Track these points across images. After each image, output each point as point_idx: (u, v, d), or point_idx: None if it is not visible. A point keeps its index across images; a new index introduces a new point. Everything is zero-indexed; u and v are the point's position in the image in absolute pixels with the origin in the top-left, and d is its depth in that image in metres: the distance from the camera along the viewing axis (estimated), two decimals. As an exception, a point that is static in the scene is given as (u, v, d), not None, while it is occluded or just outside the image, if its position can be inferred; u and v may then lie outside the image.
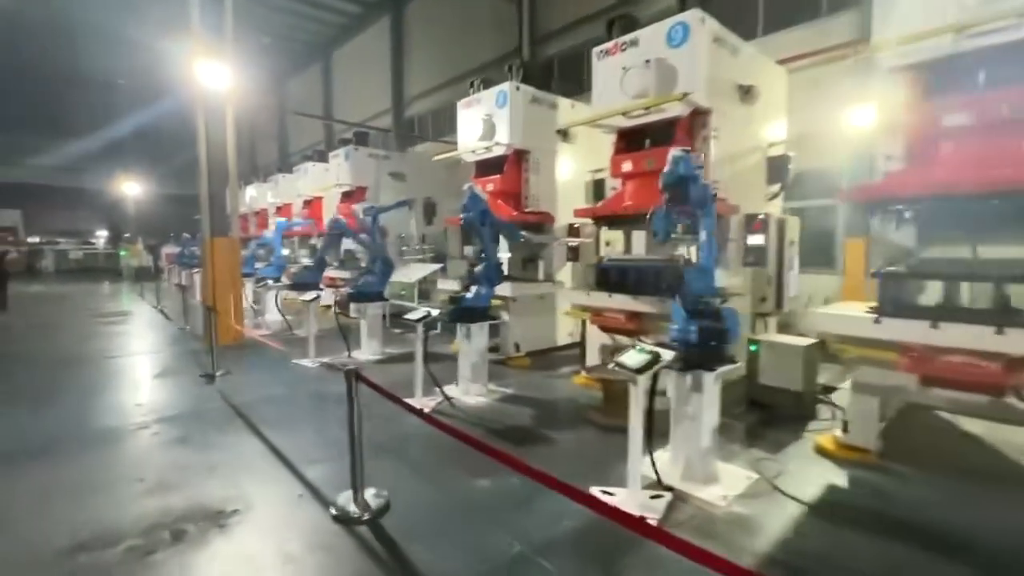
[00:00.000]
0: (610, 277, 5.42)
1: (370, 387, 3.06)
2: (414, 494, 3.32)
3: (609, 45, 5.29)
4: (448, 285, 7.52)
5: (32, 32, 23.89)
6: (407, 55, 18.21)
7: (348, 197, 11.20)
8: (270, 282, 9.67)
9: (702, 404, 3.34)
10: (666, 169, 3.69)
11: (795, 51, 8.23)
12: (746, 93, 5.18)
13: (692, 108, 4.79)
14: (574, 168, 7.47)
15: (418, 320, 4.89)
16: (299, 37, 22.47)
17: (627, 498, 3.09)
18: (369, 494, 3.19)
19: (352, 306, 7.40)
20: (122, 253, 27.79)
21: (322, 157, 13.15)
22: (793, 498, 3.17)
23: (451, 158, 8.08)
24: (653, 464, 3.21)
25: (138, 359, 7.27)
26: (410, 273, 9.10)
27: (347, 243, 10.66)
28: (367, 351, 7.27)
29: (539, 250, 7.16)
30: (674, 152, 3.65)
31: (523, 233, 6.18)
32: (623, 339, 5.37)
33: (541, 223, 7.07)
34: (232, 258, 8.30)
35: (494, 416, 4.78)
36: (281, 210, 15.07)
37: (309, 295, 6.88)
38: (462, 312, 5.19)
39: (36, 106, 28.39)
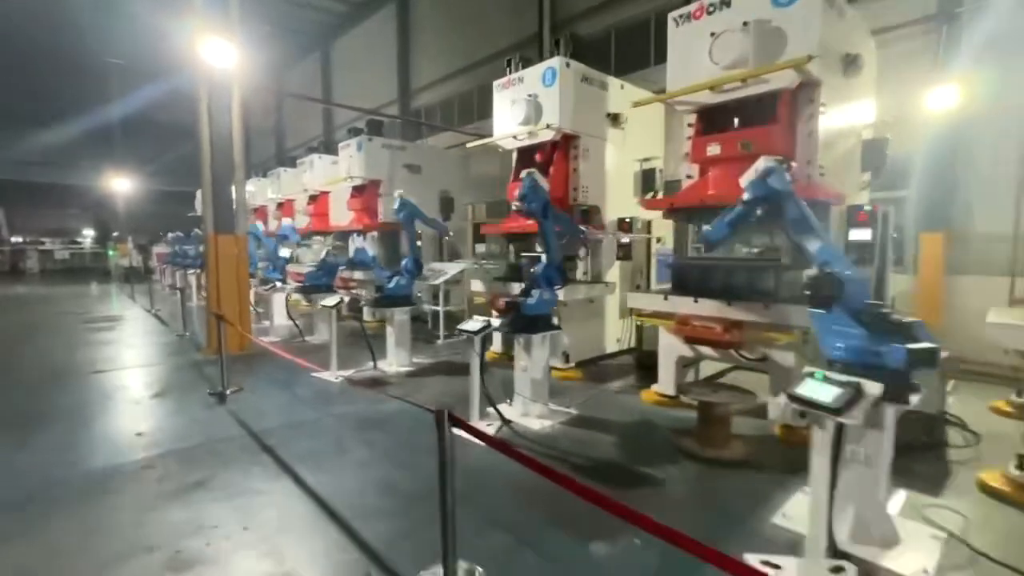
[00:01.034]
0: (691, 278, 4.68)
1: (467, 431, 2.28)
2: (517, 570, 2.54)
3: (692, 8, 4.53)
4: (477, 287, 6.76)
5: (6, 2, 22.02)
6: (413, 44, 17.34)
7: (360, 191, 10.36)
8: (278, 284, 8.83)
9: (881, 445, 2.60)
10: (752, 178, 2.99)
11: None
12: (851, 64, 4.45)
13: (800, 79, 4.05)
14: (622, 157, 6.73)
15: (477, 332, 4.11)
16: (296, 27, 21.49)
17: (802, 573, 2.35)
18: (461, 569, 2.41)
19: (365, 309, 6.63)
20: (110, 253, 26.66)
21: (328, 149, 12.30)
22: (1013, 568, 2.44)
23: (479, 147, 7.29)
24: (830, 527, 2.46)
25: (134, 373, 6.41)
26: (434, 274, 8.30)
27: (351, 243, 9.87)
28: (395, 362, 6.47)
29: (587, 248, 6.40)
30: (765, 162, 2.95)
31: (583, 228, 5.42)
32: (707, 351, 4.65)
33: (590, 217, 6.31)
34: (238, 257, 7.46)
35: (569, 445, 4.02)
36: (283, 207, 14.19)
37: (330, 300, 6.06)
38: (524, 321, 4.42)
39: (13, 92, 26.72)
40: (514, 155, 6.90)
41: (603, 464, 3.70)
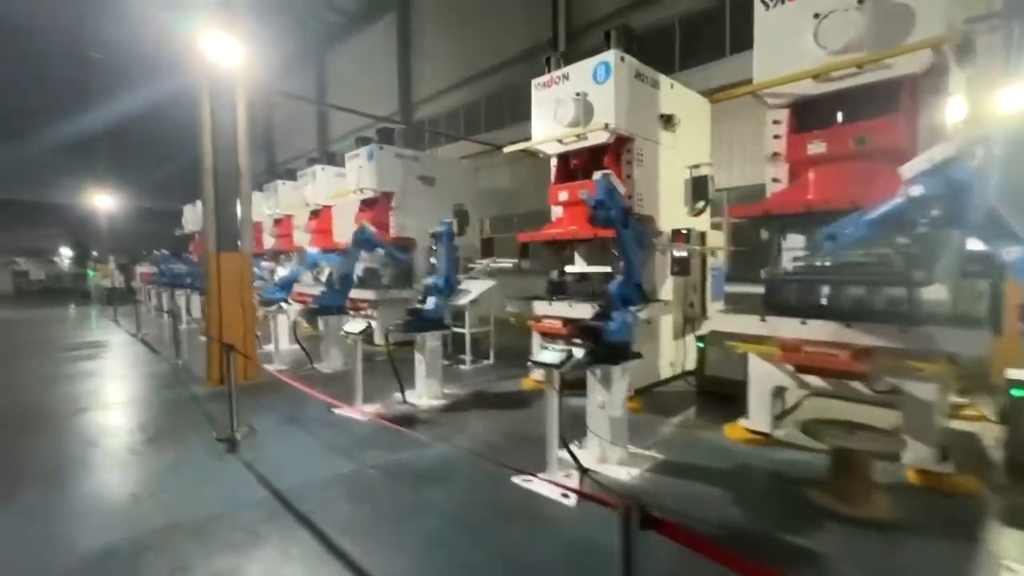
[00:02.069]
0: (793, 295, 4.03)
1: (672, 537, 1.55)
2: None
3: (786, -11, 3.97)
4: (517, 306, 6.04)
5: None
6: (414, 55, 16.83)
7: (370, 205, 9.64)
8: (283, 305, 8.01)
9: None
10: (925, 167, 2.41)
11: None
12: (969, 51, 3.92)
13: (931, 64, 3.49)
14: (674, 162, 6.13)
15: (559, 365, 3.39)
16: (291, 38, 20.91)
17: None
18: None
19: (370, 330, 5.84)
20: (90, 273, 25.37)
21: (331, 160, 11.59)
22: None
23: (514, 152, 6.65)
24: None
25: (123, 412, 5.53)
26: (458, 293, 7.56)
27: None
28: (425, 394, 5.70)
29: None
30: (945, 149, 2.38)
31: (655, 240, 4.78)
32: (811, 380, 3.98)
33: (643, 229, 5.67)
34: (242, 277, 6.66)
35: (676, 503, 3.28)
36: (280, 223, 13.38)
37: (356, 326, 5.28)
38: (604, 350, 3.71)
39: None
40: (553, 162, 6.27)
41: (736, 530, 2.97)
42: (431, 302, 5.58)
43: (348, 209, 10.93)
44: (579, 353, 3.51)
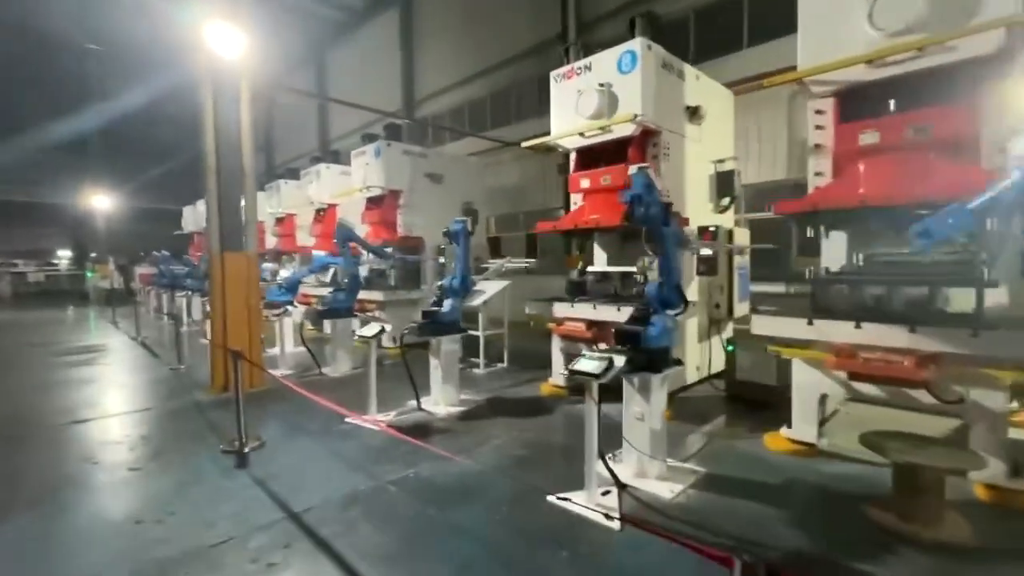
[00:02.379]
0: (841, 298, 3.76)
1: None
2: None
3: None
4: (536, 307, 5.76)
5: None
6: (417, 52, 16.54)
7: (376, 203, 9.35)
8: (289, 308, 7.73)
9: None
10: None
11: None
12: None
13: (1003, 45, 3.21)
14: (699, 156, 5.86)
15: (599, 375, 3.11)
16: (289, 36, 20.59)
17: None
18: None
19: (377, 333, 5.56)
20: (89, 274, 25.04)
21: (335, 158, 11.30)
22: None
23: (533, 146, 6.38)
24: None
25: (123, 423, 5.24)
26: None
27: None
28: (442, 400, 5.42)
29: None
30: None
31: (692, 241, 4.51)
32: (864, 387, 3.71)
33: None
34: (248, 279, 6.37)
35: (725, 522, 3.01)
36: (283, 222, 13.09)
37: (370, 329, 4.99)
38: (644, 357, 3.44)
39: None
40: (572, 156, 5.99)
41: (802, 556, 2.69)
42: (448, 304, 5.30)
43: (354, 208, 10.65)
44: (620, 361, 3.23)
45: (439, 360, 5.43)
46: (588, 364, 3.18)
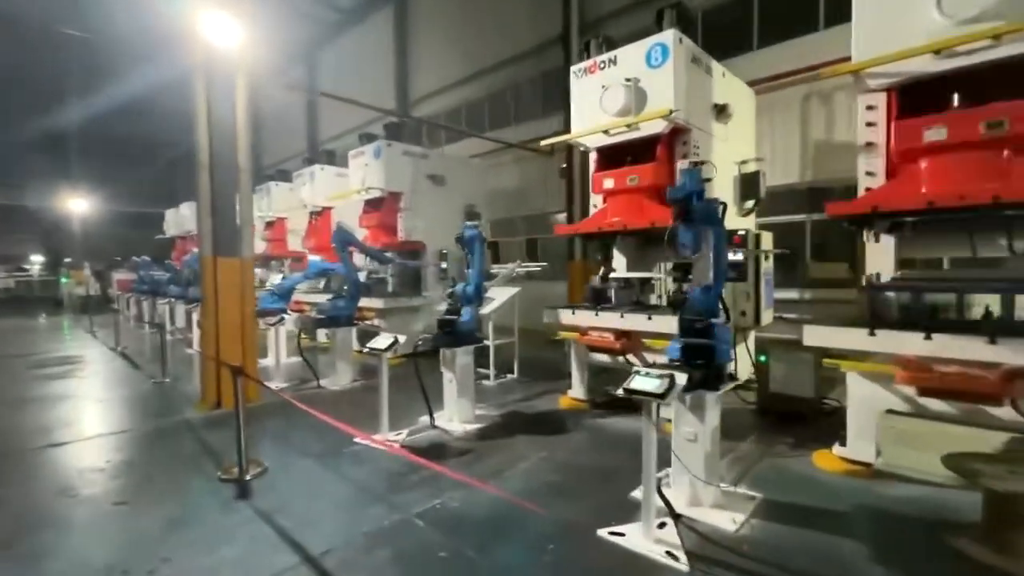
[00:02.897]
0: (907, 307, 3.48)
1: None
2: None
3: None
4: (569, 316, 5.38)
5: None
6: (411, 53, 16.16)
7: (375, 206, 8.94)
8: (285, 316, 7.26)
9: None
10: None
11: None
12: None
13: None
14: (725, 157, 5.59)
15: (662, 395, 2.75)
16: (279, 36, 20.03)
17: None
18: None
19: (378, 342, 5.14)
20: (63, 280, 24.00)
21: (330, 159, 10.85)
22: None
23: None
24: None
25: (104, 445, 4.74)
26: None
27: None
28: (456, 417, 5.02)
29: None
30: None
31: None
32: (928, 402, 3.44)
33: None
34: (242, 285, 5.91)
35: (817, 566, 2.67)
36: (272, 226, 12.57)
37: (382, 341, 4.57)
38: (703, 375, 3.10)
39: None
40: (592, 156, 5.68)
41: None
42: (466, 313, 4.92)
43: (350, 211, 10.21)
44: (681, 378, 2.89)
45: (454, 373, 5.04)
46: (647, 383, 2.83)
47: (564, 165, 11.55)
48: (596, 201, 5.68)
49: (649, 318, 4.57)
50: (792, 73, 7.92)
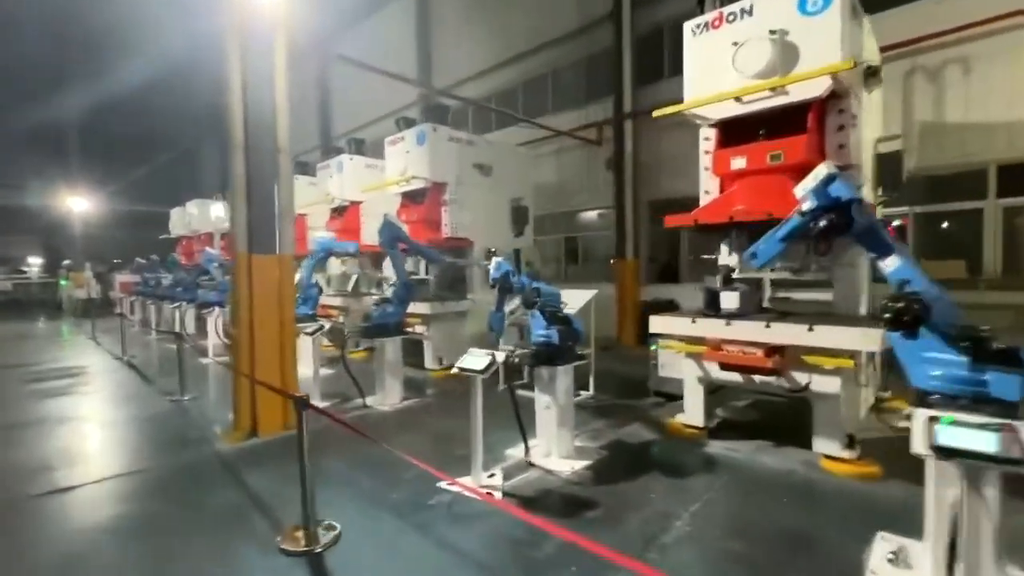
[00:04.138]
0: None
1: None
2: None
3: None
4: (685, 326, 4.39)
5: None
6: (435, 40, 15.20)
7: (415, 198, 7.96)
8: (324, 324, 6.27)
9: None
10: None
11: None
12: None
13: None
14: (862, 133, 4.62)
15: (1007, 460, 1.78)
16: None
17: None
18: None
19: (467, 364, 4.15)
20: (62, 282, 22.99)
21: (359, 148, 9.88)
22: None
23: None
24: None
25: (121, 491, 3.76)
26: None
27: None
28: (555, 450, 4.04)
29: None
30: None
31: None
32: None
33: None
34: (281, 288, 4.93)
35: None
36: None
37: (477, 360, 3.57)
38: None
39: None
40: (703, 133, 4.70)
41: None
42: (576, 323, 3.94)
43: (379, 207, 9.25)
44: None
45: (552, 397, 4.05)
46: (973, 436, 1.85)
47: (611, 156, 10.60)
48: (709, 187, 4.71)
49: (810, 329, 3.59)
50: (899, 45, 6.97)
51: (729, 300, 4.26)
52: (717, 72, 4.24)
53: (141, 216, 28.01)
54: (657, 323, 4.48)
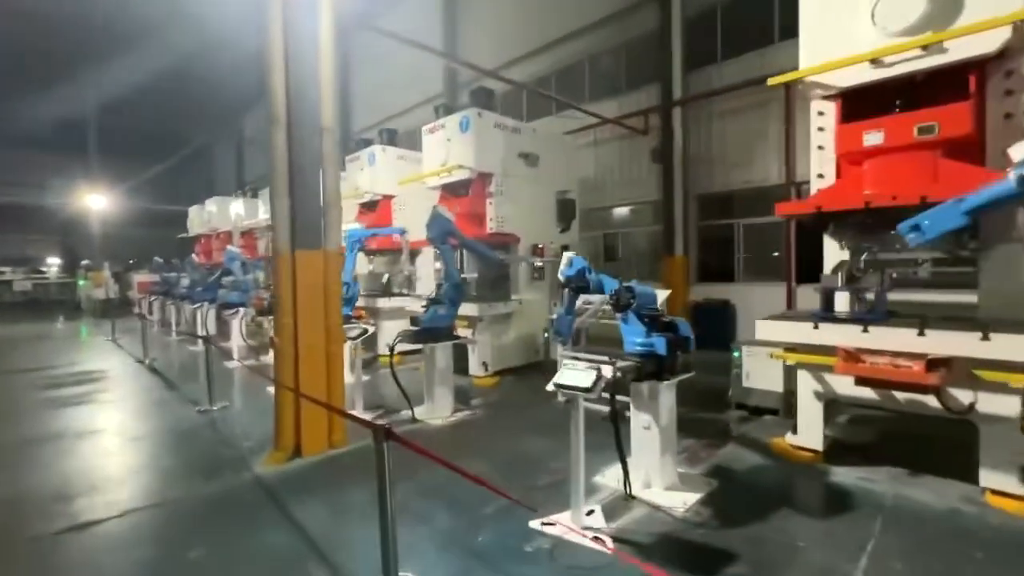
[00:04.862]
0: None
1: None
2: None
3: None
4: (806, 333, 3.71)
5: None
6: (461, 26, 14.62)
7: (456, 191, 7.36)
8: (367, 328, 5.69)
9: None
10: None
11: None
12: None
13: None
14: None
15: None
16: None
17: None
18: None
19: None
20: (81, 282, 22.80)
21: (391, 140, 9.30)
22: None
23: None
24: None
25: (148, 528, 3.19)
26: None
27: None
28: (659, 479, 3.39)
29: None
30: None
31: None
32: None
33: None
34: (327, 289, 4.35)
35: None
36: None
37: (581, 377, 2.93)
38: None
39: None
40: (824, 106, 4.00)
41: None
42: (683, 329, 3.30)
43: (413, 200, 8.71)
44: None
45: (653, 417, 3.41)
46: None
47: (655, 146, 9.92)
48: (824, 171, 4.02)
49: (985, 337, 2.90)
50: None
51: (853, 301, 3.59)
52: (846, 32, 3.56)
53: (157, 215, 27.84)
54: (765, 329, 3.80)
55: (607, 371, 2.95)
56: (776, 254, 8.80)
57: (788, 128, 8.03)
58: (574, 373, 2.97)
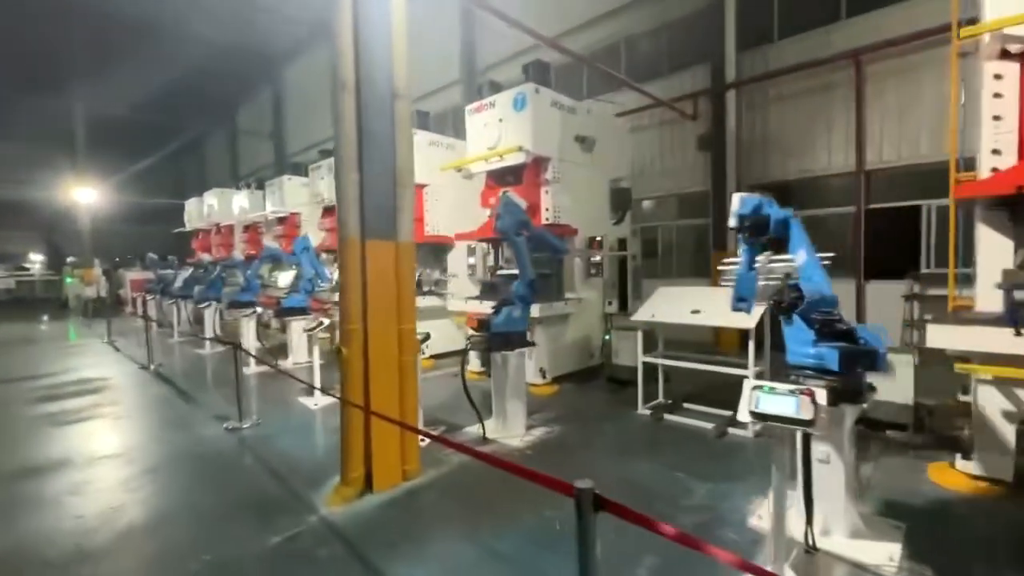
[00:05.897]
0: None
1: None
2: None
3: None
4: (1002, 340, 3.05)
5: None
6: (478, 14, 13.79)
7: (503, 179, 6.60)
8: (429, 333, 4.93)
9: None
10: None
11: None
12: None
13: None
14: None
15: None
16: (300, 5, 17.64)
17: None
18: None
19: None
20: (68, 280, 21.65)
21: (423, 123, 8.50)
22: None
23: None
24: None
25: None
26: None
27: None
28: (843, 526, 2.70)
29: None
30: None
31: None
32: None
33: None
34: (400, 286, 3.59)
35: None
36: (333, 214, 10.21)
37: (785, 404, 2.23)
38: None
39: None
40: (1003, 68, 3.34)
41: None
42: (871, 338, 2.61)
43: (447, 191, 7.98)
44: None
45: (832, 447, 2.72)
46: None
47: (702, 133, 9.25)
48: (1002, 144, 3.36)
49: None
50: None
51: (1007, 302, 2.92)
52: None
53: (148, 209, 26.66)
54: (941, 336, 3.12)
55: (822, 396, 2.25)
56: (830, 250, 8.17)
57: (861, 111, 7.40)
58: (774, 399, 2.26)
